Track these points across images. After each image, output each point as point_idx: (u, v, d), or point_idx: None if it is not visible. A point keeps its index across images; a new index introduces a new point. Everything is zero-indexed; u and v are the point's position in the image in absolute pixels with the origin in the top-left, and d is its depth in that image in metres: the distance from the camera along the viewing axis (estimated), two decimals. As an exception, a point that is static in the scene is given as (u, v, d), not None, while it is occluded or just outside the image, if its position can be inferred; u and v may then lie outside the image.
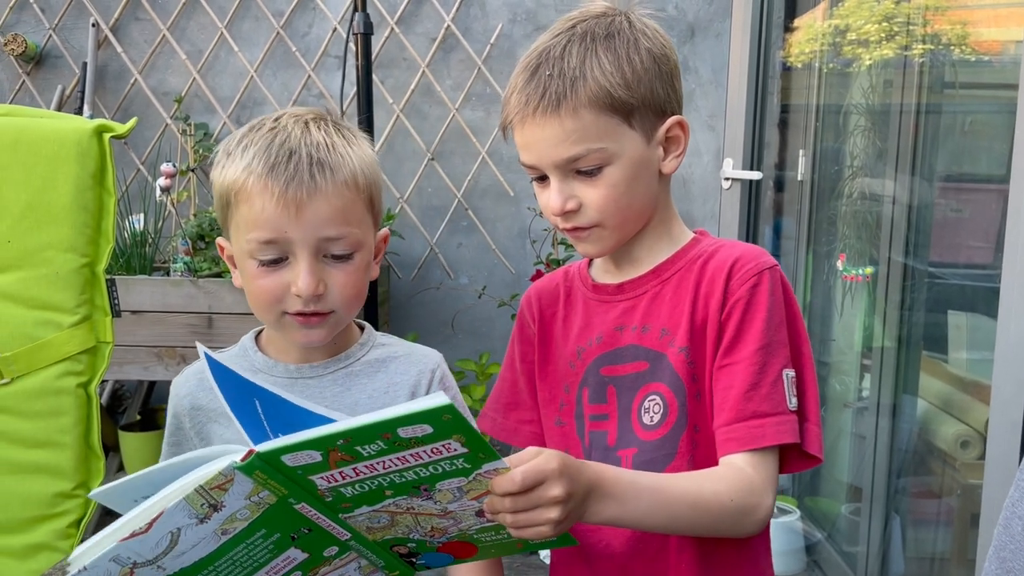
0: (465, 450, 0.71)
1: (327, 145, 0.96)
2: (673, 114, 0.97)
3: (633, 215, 0.97)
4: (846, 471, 2.36)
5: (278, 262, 0.95)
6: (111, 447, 2.59)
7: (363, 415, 0.69)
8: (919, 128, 1.99)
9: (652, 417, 0.97)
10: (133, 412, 2.70)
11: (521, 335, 1.10)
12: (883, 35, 2.17)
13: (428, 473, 0.73)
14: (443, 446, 0.70)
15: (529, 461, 0.75)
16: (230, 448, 0.75)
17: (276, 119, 0.98)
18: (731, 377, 0.92)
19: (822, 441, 0.95)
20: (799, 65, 2.62)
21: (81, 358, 1.28)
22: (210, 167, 2.99)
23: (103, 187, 1.30)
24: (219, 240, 1.06)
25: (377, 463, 0.72)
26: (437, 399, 0.66)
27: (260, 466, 0.72)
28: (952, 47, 1.95)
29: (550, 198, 0.95)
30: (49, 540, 1.25)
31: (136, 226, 2.54)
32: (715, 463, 0.93)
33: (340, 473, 0.73)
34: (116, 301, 1.32)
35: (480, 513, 0.78)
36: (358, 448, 0.70)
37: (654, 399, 0.97)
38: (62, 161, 1.26)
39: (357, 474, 0.73)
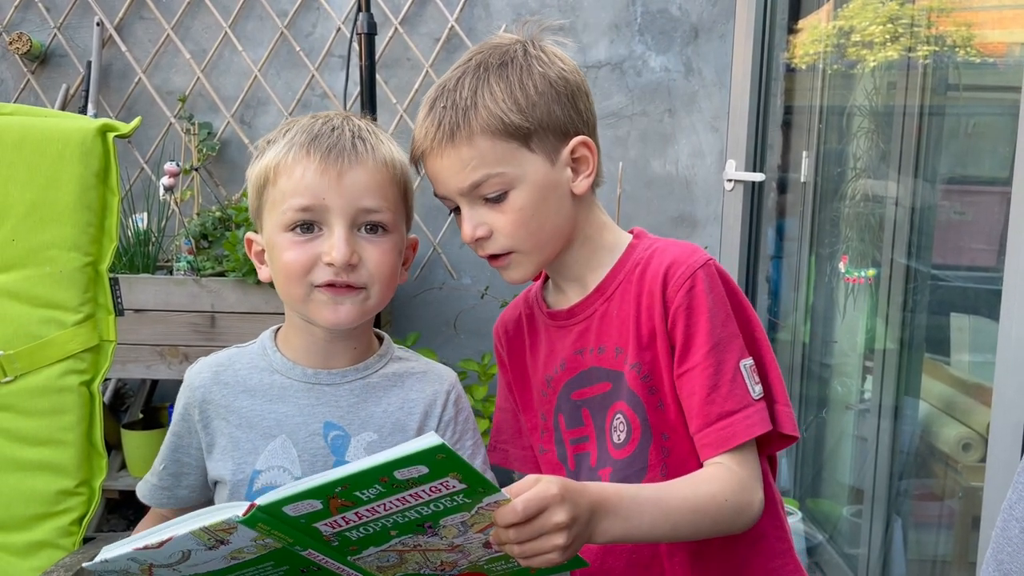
0: (464, 486, 0.71)
1: (368, 129, 1.00)
2: (577, 135, 0.97)
3: (546, 237, 0.97)
4: (848, 473, 2.36)
5: (311, 230, 0.94)
6: (113, 445, 2.60)
7: (358, 461, 0.70)
8: (923, 130, 1.99)
9: (619, 436, 0.99)
10: (136, 410, 2.70)
11: (502, 367, 1.12)
12: (887, 37, 2.17)
13: (430, 511, 0.73)
14: (441, 484, 0.70)
15: (529, 490, 0.75)
16: (230, 505, 0.75)
17: (319, 115, 1.01)
18: (691, 384, 0.93)
19: (794, 419, 0.96)
20: (803, 67, 2.62)
21: (84, 356, 1.29)
22: (213, 166, 2.99)
23: (107, 186, 1.30)
24: (248, 235, 1.04)
25: (378, 506, 0.72)
26: (429, 440, 0.67)
27: (262, 518, 0.72)
28: (957, 49, 1.95)
29: (462, 228, 0.97)
30: (51, 537, 1.25)
31: (139, 225, 2.55)
32: (690, 464, 0.95)
33: (343, 518, 0.73)
34: (119, 300, 1.33)
35: (487, 544, 0.78)
36: (357, 493, 0.71)
37: (620, 418, 0.99)
38: (66, 160, 1.27)
39: (360, 518, 0.74)
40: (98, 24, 2.80)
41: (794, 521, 2.32)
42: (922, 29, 2.06)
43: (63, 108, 2.81)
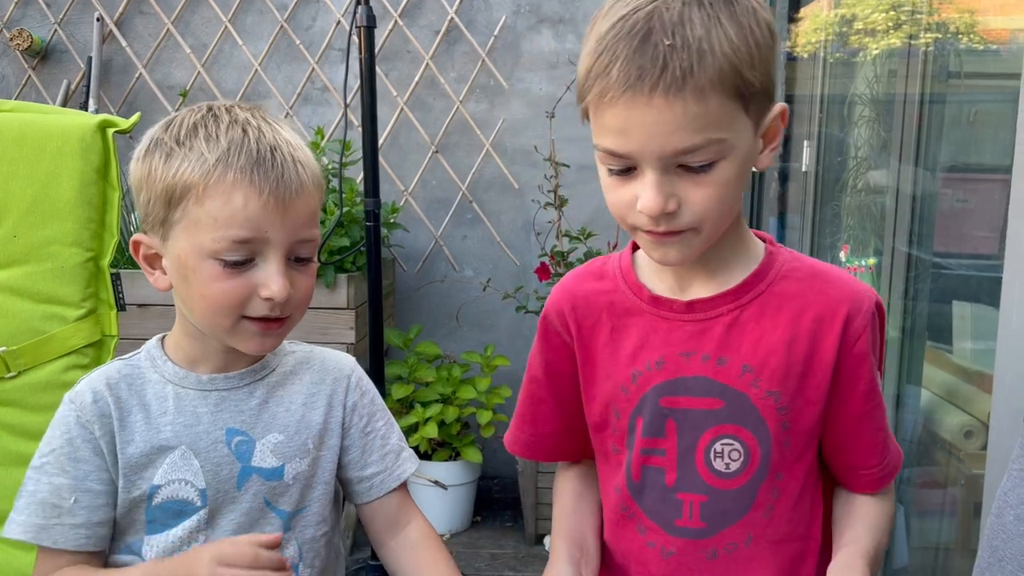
0: None
1: (293, 143, 0.92)
2: (776, 101, 0.81)
3: (728, 215, 0.83)
4: (851, 462, 2.36)
5: (244, 264, 0.88)
6: (119, 439, 2.61)
7: None
8: (924, 118, 1.98)
9: (728, 464, 0.87)
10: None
11: (548, 345, 0.95)
12: (889, 24, 2.16)
13: None
14: None
15: None
16: None
17: (227, 109, 0.92)
18: (874, 422, 0.91)
19: None
20: (804, 55, 2.61)
21: (87, 351, 1.30)
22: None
23: (107, 182, 1.31)
24: (137, 237, 0.95)
25: None
26: None
27: None
28: (959, 36, 1.94)
29: (645, 197, 0.77)
30: (57, 531, 1.26)
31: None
32: (792, 511, 0.90)
33: None
34: (121, 295, 1.33)
35: None
36: None
37: (731, 444, 0.87)
38: (66, 156, 1.27)
39: None
40: (98, 19, 2.80)
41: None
42: (924, 16, 2.05)
43: (64, 104, 2.81)
